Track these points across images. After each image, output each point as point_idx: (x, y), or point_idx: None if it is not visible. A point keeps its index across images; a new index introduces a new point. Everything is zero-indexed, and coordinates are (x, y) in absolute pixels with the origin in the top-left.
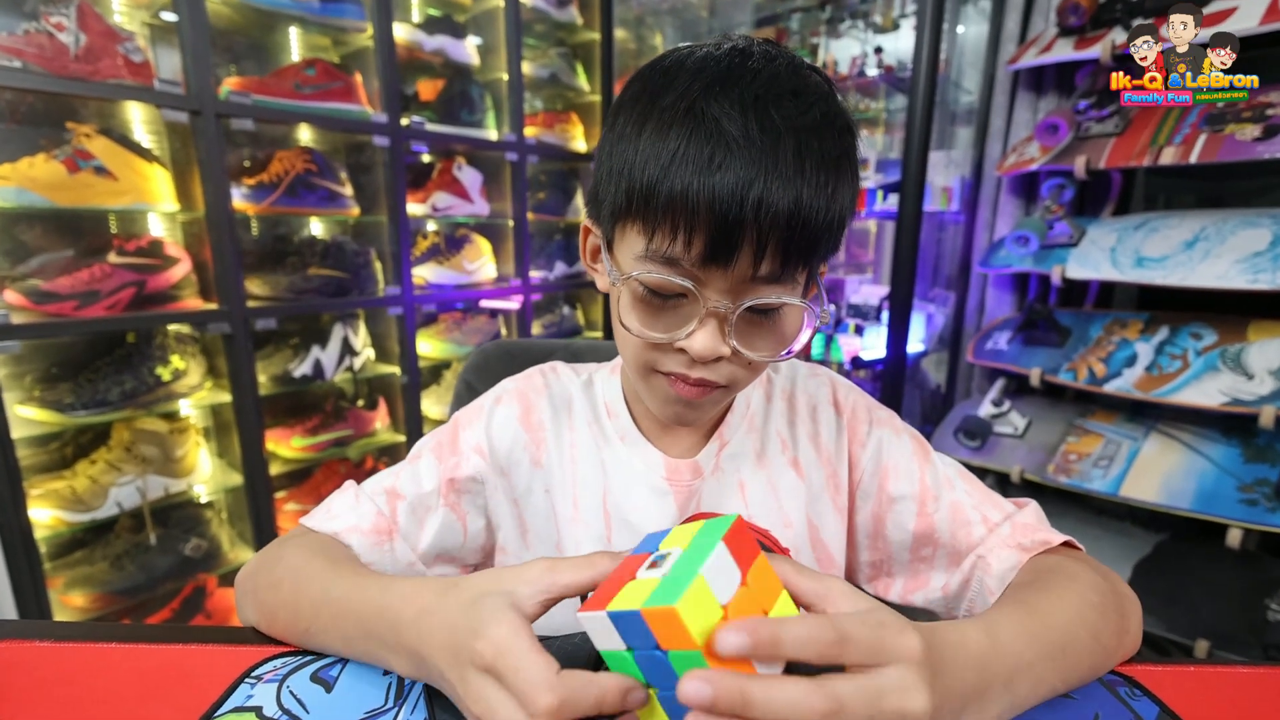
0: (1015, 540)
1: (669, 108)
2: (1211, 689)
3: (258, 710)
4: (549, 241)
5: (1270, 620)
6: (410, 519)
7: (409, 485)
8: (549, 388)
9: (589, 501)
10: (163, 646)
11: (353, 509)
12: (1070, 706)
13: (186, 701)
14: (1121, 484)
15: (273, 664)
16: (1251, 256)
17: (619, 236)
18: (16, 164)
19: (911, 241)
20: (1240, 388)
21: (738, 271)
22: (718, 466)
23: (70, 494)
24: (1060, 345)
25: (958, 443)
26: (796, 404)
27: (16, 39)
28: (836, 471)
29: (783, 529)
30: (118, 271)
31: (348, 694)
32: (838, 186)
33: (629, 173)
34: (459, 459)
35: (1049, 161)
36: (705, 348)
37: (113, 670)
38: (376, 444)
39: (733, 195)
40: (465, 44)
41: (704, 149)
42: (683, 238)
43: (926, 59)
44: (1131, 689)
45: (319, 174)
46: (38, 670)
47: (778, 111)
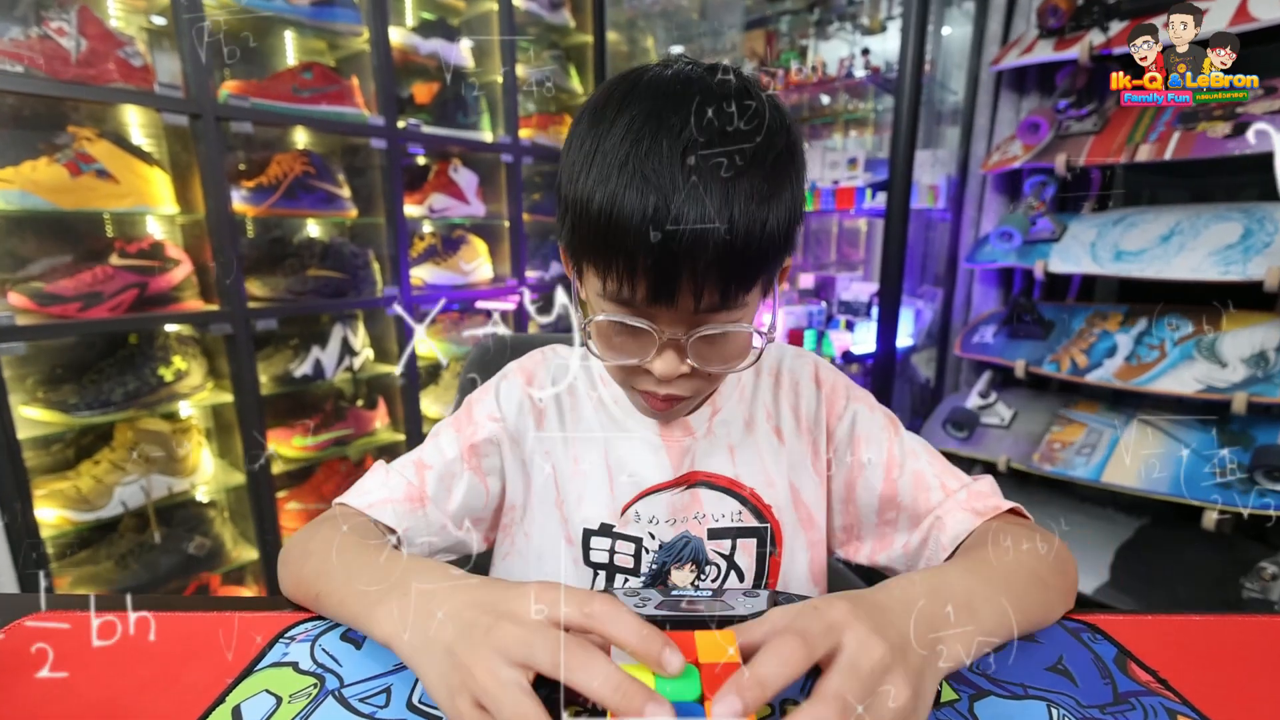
0: (970, 505)
1: (609, 154)
2: (1164, 634)
3: (294, 665)
4: (544, 242)
5: (1245, 598)
6: (439, 486)
7: (434, 457)
8: (548, 362)
9: (591, 457)
10: (200, 614)
11: (384, 484)
12: (1038, 650)
13: (223, 661)
14: (1103, 471)
15: (304, 626)
16: (1223, 249)
17: (584, 270)
18: (19, 167)
19: (899, 239)
20: (1214, 375)
21: (682, 307)
22: (710, 430)
23: (75, 494)
24: (1044, 338)
25: (946, 434)
26: (781, 380)
27: (18, 43)
28: (816, 440)
29: (767, 488)
30: (120, 273)
31: (376, 650)
32: (771, 210)
33: (579, 216)
34: (475, 427)
35: (1031, 159)
36: (666, 371)
37: (151, 636)
38: (376, 443)
39: (666, 243)
40: (459, 47)
41: (637, 201)
42: (628, 283)
43: (911, 62)
44: (1093, 634)
45: (317, 176)
46: (74, 638)
47: (705, 162)
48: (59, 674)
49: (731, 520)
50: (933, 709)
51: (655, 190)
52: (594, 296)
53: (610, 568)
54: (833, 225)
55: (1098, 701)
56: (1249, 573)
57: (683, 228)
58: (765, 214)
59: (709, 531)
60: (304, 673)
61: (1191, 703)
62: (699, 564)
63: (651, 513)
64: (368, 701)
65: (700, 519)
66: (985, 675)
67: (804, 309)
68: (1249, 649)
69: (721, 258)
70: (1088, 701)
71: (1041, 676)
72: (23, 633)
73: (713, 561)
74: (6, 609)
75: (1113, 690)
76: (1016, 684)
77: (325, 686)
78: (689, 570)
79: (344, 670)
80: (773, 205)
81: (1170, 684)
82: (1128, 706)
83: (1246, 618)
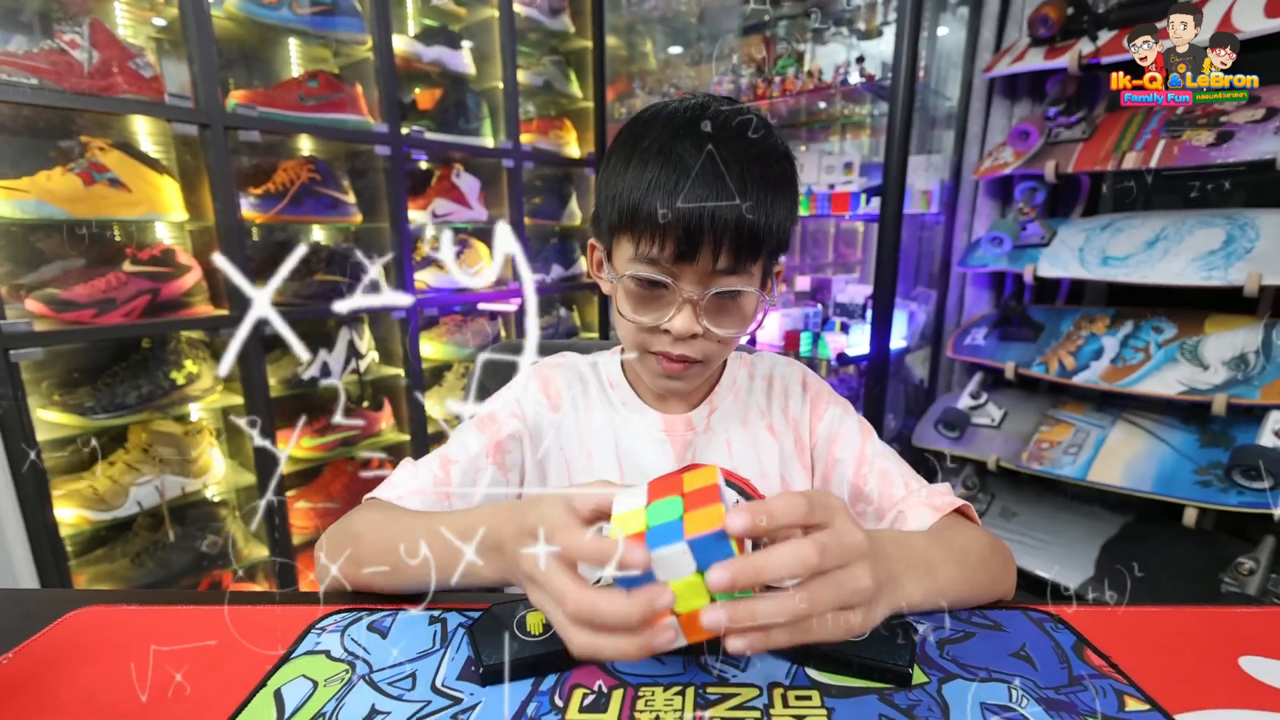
0: (930, 502)
1: (647, 149)
2: (1120, 624)
3: (326, 653)
4: (545, 245)
5: (1224, 593)
6: (464, 479)
7: (458, 452)
8: (561, 367)
9: (602, 451)
10: (234, 608)
11: (412, 477)
12: (1004, 638)
13: (262, 649)
14: (1089, 469)
15: (333, 619)
16: (1206, 255)
17: (615, 247)
18: (35, 178)
19: (893, 244)
20: (1196, 377)
21: (701, 266)
22: (709, 426)
23: (92, 494)
24: (1033, 340)
25: (938, 434)
26: (774, 384)
27: (33, 56)
28: (800, 436)
29: (760, 479)
30: (133, 280)
31: (400, 639)
32: (774, 201)
33: (618, 198)
34: (499, 425)
35: (1021, 166)
36: (683, 327)
37: (192, 627)
38: (382, 443)
39: (692, 210)
40: (461, 54)
41: (671, 177)
42: (659, 243)
43: (905, 71)
44: (1055, 623)
45: (323, 183)
46: (125, 629)
47: (726, 149)
48: (109, 663)
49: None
50: (903, 691)
51: (686, 171)
52: (624, 263)
53: None
54: (830, 226)
55: (1054, 683)
56: (1228, 568)
57: (709, 198)
58: (771, 199)
59: None
60: (336, 660)
61: (1139, 685)
62: None
63: None
64: (395, 685)
65: None
66: (954, 660)
67: (800, 311)
68: (1195, 638)
69: (736, 226)
70: (1045, 683)
71: (1005, 661)
72: (74, 623)
73: None
74: (57, 603)
75: (1068, 673)
76: (982, 668)
77: (356, 672)
78: None
79: (372, 657)
80: (777, 196)
81: (1121, 668)
82: (1080, 688)
83: (1195, 609)
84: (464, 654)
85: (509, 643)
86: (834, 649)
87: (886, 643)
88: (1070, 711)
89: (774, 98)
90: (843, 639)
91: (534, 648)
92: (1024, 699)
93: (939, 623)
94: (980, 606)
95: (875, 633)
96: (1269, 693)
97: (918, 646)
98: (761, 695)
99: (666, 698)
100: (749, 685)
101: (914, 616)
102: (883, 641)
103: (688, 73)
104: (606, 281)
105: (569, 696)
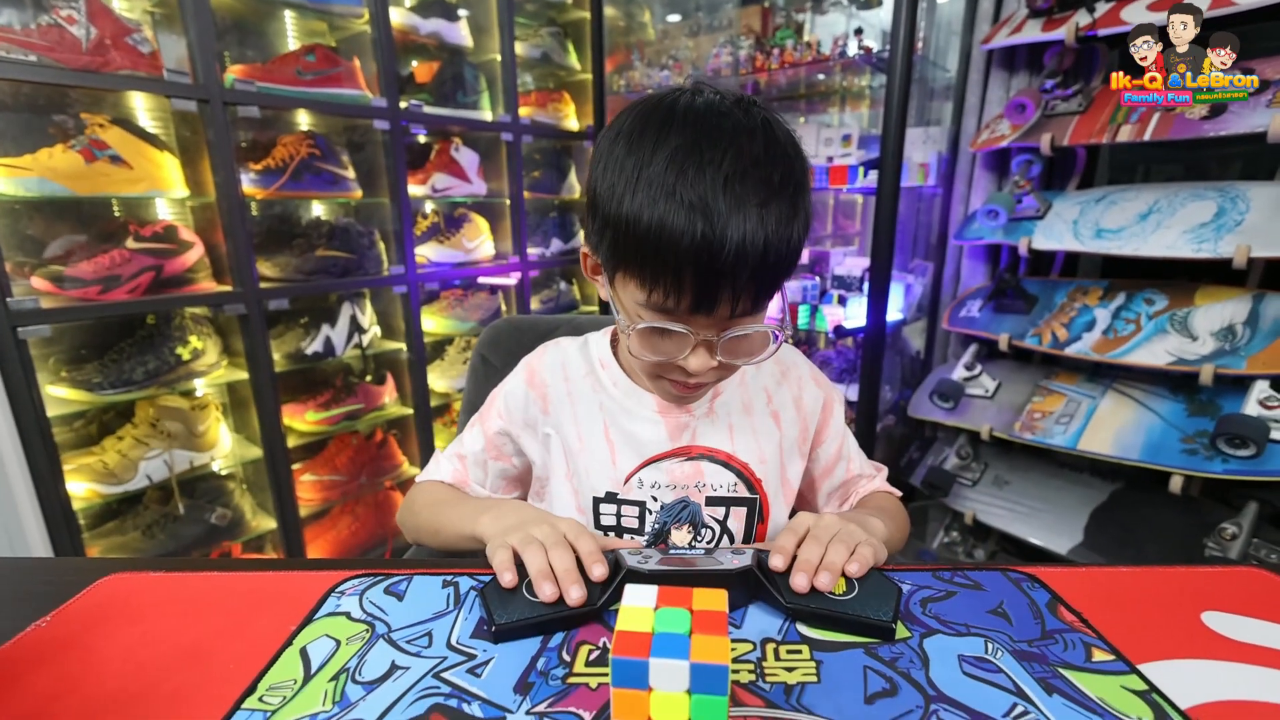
0: (875, 486)
1: (654, 181)
2: (1093, 582)
3: (347, 614)
4: (545, 219)
5: (1208, 557)
6: (476, 469)
7: (468, 448)
8: (546, 354)
9: (593, 432)
10: (257, 574)
11: (439, 468)
12: (983, 596)
13: (285, 612)
14: (1080, 439)
15: (351, 583)
16: (1197, 227)
17: (619, 280)
18: (36, 155)
19: (889, 217)
20: (1185, 348)
21: (719, 314)
22: (711, 410)
23: (102, 468)
24: (1027, 312)
25: (933, 404)
26: (788, 374)
27: (29, 32)
28: (808, 428)
29: (759, 464)
30: (136, 256)
31: (416, 601)
32: (793, 232)
33: (625, 233)
34: (490, 424)
35: (1018, 139)
36: (699, 367)
37: (217, 592)
38: (386, 417)
39: (711, 263)
40: (459, 25)
41: (686, 226)
42: (674, 295)
43: (903, 42)
44: (1032, 583)
45: (322, 158)
46: (153, 594)
47: (743, 186)
48: (143, 624)
49: (728, 491)
50: (888, 645)
51: (701, 216)
52: (633, 304)
53: (618, 529)
54: (828, 199)
55: (1027, 637)
56: (1211, 533)
57: (728, 249)
58: (790, 233)
59: (707, 499)
60: (356, 620)
61: (1107, 638)
62: (695, 526)
63: (654, 479)
64: (413, 643)
65: (701, 488)
66: (935, 617)
67: (798, 284)
68: (1162, 595)
69: (756, 273)
70: (1019, 637)
71: (983, 618)
72: (106, 589)
73: (708, 525)
74: (81, 571)
75: (1041, 628)
76: (961, 624)
77: (376, 631)
78: (686, 531)
79: (390, 618)
80: (795, 225)
81: (1091, 623)
82: (1051, 641)
83: (1163, 569)
84: (476, 614)
85: (520, 603)
86: (823, 607)
87: (872, 600)
88: (1041, 662)
89: (772, 69)
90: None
91: (542, 609)
92: (999, 651)
93: (922, 582)
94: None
95: (862, 591)
96: (1228, 644)
97: (901, 604)
98: (755, 650)
99: None
100: (743, 640)
101: (898, 575)
102: (869, 599)
103: (686, 43)
104: (605, 289)
105: (575, 652)
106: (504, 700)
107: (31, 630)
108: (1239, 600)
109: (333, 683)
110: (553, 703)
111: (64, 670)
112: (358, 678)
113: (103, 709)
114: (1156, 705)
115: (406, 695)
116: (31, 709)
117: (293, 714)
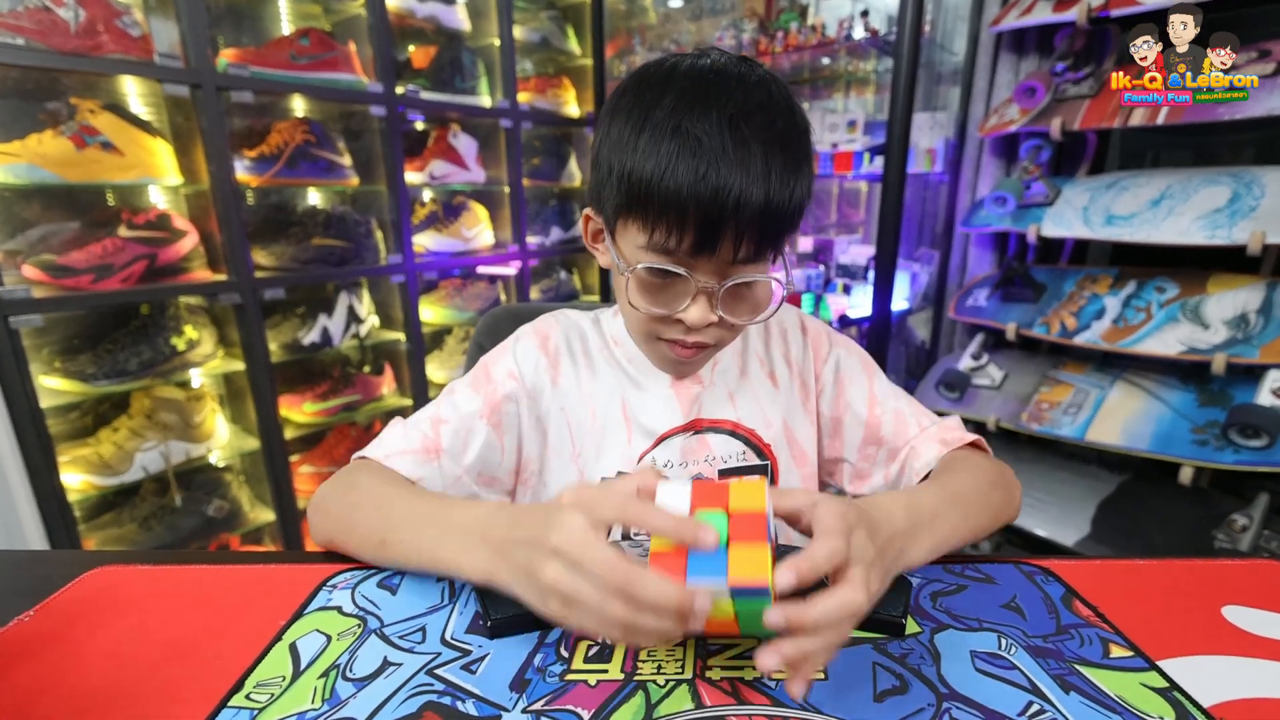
0: (939, 437)
1: (660, 124)
2: (1108, 576)
3: (338, 608)
4: (544, 207)
5: (1217, 549)
6: (454, 439)
7: (450, 412)
8: (560, 324)
9: (608, 409)
10: (247, 567)
11: (402, 437)
12: (995, 590)
13: (275, 606)
14: (1088, 430)
15: (344, 576)
16: (1211, 213)
17: (620, 228)
18: (25, 141)
19: (895, 205)
20: (1197, 337)
21: (720, 257)
22: (712, 380)
23: (98, 459)
24: (1035, 301)
25: (939, 395)
26: (771, 330)
27: (17, 15)
28: (805, 382)
29: (765, 428)
30: (129, 245)
31: (410, 595)
32: (797, 183)
33: (628, 177)
34: (495, 385)
35: (1027, 123)
36: (698, 318)
37: (207, 586)
38: (384, 408)
39: (714, 199)
40: (456, 9)
41: (690, 162)
42: (676, 234)
43: (910, 24)
44: (1046, 576)
45: (318, 145)
46: (141, 587)
47: (748, 127)
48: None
49: (738, 460)
50: (897, 641)
51: (706, 155)
52: (634, 250)
53: None
54: (833, 186)
55: (1042, 632)
56: (1221, 525)
57: (731, 186)
58: (794, 183)
59: (719, 472)
60: (348, 615)
61: (1124, 633)
62: None
63: (666, 457)
64: (406, 639)
65: (710, 460)
66: (946, 611)
67: (802, 273)
68: (1181, 588)
69: (759, 217)
70: (1034, 632)
71: (996, 612)
72: (92, 582)
73: None
74: (72, 563)
75: (1056, 623)
76: (973, 618)
77: (368, 626)
78: None
79: (383, 612)
80: (798, 178)
81: (1108, 617)
82: (1067, 636)
83: (1181, 561)
84: (471, 609)
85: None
86: None
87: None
88: (1057, 659)
89: (776, 53)
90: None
91: None
92: (1012, 647)
93: (933, 575)
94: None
95: None
96: (1250, 640)
97: (912, 599)
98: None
99: (669, 648)
100: (749, 636)
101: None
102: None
103: (688, 27)
104: (606, 255)
105: (574, 648)
106: (499, 698)
107: (15, 624)
108: (1261, 594)
109: (322, 679)
110: (550, 700)
111: (47, 665)
112: (348, 674)
113: (86, 705)
114: (1178, 703)
115: (399, 693)
116: (13, 704)
117: (280, 712)
